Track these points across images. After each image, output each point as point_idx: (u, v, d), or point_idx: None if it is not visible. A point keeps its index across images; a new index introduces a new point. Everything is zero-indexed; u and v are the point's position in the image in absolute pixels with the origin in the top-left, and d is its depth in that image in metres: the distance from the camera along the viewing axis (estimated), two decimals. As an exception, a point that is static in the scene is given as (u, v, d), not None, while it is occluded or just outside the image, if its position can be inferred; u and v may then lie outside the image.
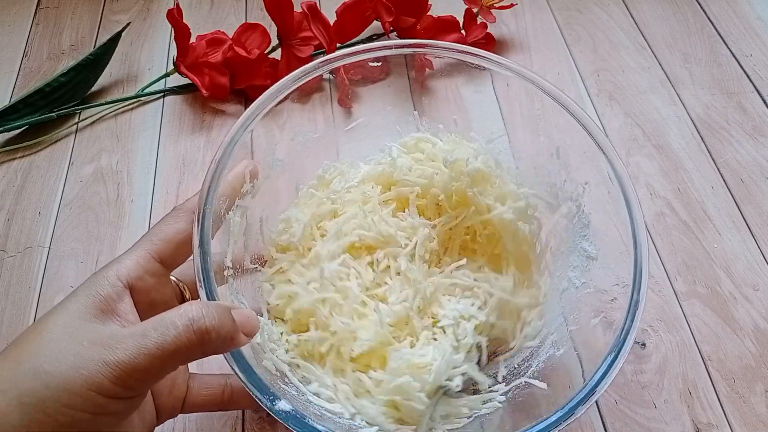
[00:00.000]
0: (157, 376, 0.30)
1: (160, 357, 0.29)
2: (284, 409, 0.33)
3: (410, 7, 0.66)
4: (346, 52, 0.46)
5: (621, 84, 0.66)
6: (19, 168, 0.60)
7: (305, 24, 0.64)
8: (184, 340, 0.29)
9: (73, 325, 0.30)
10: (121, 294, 0.33)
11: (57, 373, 0.28)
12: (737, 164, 0.59)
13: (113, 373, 0.28)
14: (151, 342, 0.29)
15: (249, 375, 0.34)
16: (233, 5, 0.75)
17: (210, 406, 0.39)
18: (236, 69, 0.64)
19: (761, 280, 0.51)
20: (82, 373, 0.28)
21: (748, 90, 0.65)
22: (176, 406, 0.38)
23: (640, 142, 0.61)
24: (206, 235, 0.36)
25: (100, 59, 0.65)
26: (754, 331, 0.49)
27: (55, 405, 0.28)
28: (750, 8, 0.72)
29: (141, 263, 0.35)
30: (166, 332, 0.29)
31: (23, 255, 0.54)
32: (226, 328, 0.31)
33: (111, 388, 0.28)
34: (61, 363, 0.28)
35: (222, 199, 0.39)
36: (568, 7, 0.74)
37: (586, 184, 0.44)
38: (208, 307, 0.31)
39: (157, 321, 0.30)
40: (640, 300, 0.37)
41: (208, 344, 0.30)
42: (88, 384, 0.28)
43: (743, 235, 0.54)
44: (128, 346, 0.29)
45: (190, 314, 0.30)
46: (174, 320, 0.30)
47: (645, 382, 0.46)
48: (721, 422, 0.45)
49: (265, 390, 0.33)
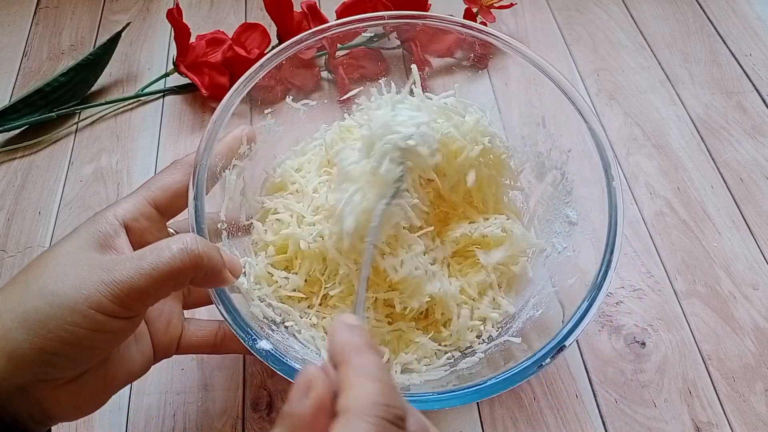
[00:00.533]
0: (152, 296, 0.32)
1: (155, 277, 0.31)
2: (264, 348, 0.36)
3: (410, 7, 0.66)
4: (342, 21, 0.48)
5: (621, 84, 0.66)
6: (19, 168, 0.60)
7: (305, 24, 0.64)
8: (178, 261, 0.31)
9: (75, 254, 0.33)
10: (117, 231, 0.35)
11: (60, 292, 0.30)
12: (737, 164, 0.59)
13: (111, 292, 0.30)
14: (146, 263, 0.31)
15: (234, 316, 0.36)
16: (233, 5, 0.75)
17: (203, 348, 0.41)
18: (236, 69, 0.64)
19: (761, 280, 0.51)
20: (83, 292, 0.30)
21: (748, 89, 0.65)
22: (171, 345, 0.40)
23: (640, 141, 0.61)
24: (201, 188, 0.39)
25: (99, 59, 0.65)
26: (753, 330, 0.49)
27: (58, 322, 0.30)
28: (749, 8, 0.72)
29: (137, 206, 0.37)
30: (161, 254, 0.31)
31: (23, 255, 0.54)
32: (215, 258, 0.33)
33: (109, 306, 0.30)
34: (65, 284, 0.30)
35: (219, 157, 0.42)
36: (568, 7, 0.74)
37: (569, 152, 0.45)
38: (200, 238, 0.33)
39: (154, 246, 0.32)
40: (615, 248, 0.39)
41: (199, 269, 0.32)
42: (89, 302, 0.30)
43: (743, 234, 0.54)
44: (126, 268, 0.31)
45: (185, 239, 0.32)
46: (169, 244, 0.32)
47: (645, 382, 0.46)
48: (721, 421, 0.45)
49: (246, 330, 0.36)
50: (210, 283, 0.35)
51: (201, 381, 0.47)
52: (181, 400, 0.46)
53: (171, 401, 0.46)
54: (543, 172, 0.48)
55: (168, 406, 0.46)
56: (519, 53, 0.47)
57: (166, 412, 0.45)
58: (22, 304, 0.30)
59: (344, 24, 0.48)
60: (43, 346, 0.30)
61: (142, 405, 0.46)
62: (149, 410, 0.46)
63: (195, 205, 0.38)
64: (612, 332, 0.49)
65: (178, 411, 0.45)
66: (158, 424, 0.45)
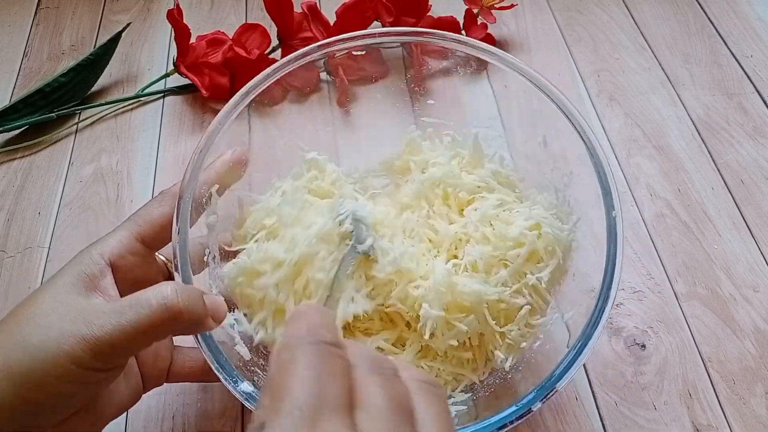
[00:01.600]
0: (131, 351, 0.33)
1: (133, 334, 0.31)
2: (246, 390, 0.35)
3: (410, 8, 0.66)
4: (342, 37, 0.47)
5: (621, 84, 0.66)
6: (19, 168, 0.60)
7: (305, 24, 0.64)
8: (158, 318, 0.32)
9: (59, 300, 0.33)
10: (103, 271, 0.35)
11: (43, 346, 0.31)
12: (738, 165, 0.59)
13: (91, 349, 0.31)
14: (125, 319, 0.31)
15: (216, 357, 0.36)
16: (233, 5, 0.75)
17: (193, 377, 0.41)
18: (236, 69, 0.64)
19: (761, 282, 0.51)
20: (64, 347, 0.31)
21: (749, 91, 0.65)
22: (161, 375, 0.40)
23: (641, 143, 0.61)
24: (184, 222, 0.38)
25: (100, 59, 0.65)
26: (754, 332, 0.49)
27: (41, 375, 0.30)
28: (750, 9, 0.72)
29: (124, 243, 0.37)
30: (140, 311, 0.32)
31: (23, 255, 0.54)
32: (197, 310, 0.33)
33: (89, 362, 0.31)
34: (48, 337, 0.31)
35: (205, 186, 0.41)
36: (569, 8, 0.74)
37: (570, 173, 0.44)
38: (182, 288, 0.33)
39: (133, 299, 0.32)
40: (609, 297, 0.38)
41: (179, 324, 0.33)
42: (69, 358, 0.31)
43: (743, 236, 0.54)
44: (105, 323, 0.31)
45: (164, 294, 0.32)
46: (149, 299, 0.32)
47: (645, 384, 0.46)
48: (720, 424, 0.45)
49: (229, 372, 0.36)
50: (192, 332, 0.35)
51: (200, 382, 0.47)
52: (180, 401, 0.46)
53: (170, 402, 0.46)
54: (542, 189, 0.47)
55: (167, 407, 0.46)
56: (519, 72, 0.46)
57: (165, 413, 0.45)
58: (6, 356, 0.31)
59: (347, 39, 0.47)
60: (28, 397, 0.31)
61: (141, 406, 0.45)
62: (148, 411, 0.45)
63: (179, 246, 0.37)
64: (612, 334, 0.49)
65: (177, 412, 0.45)
66: (157, 425, 0.45)
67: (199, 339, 0.36)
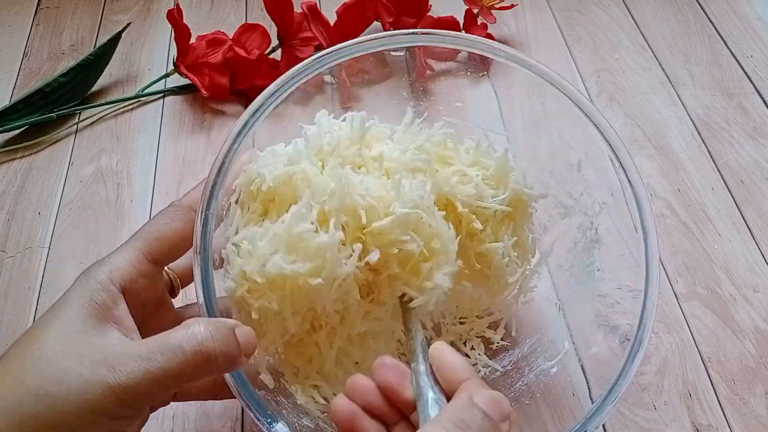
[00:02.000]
0: (161, 397, 0.30)
1: (164, 381, 0.29)
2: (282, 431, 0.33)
3: (410, 8, 0.66)
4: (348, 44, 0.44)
5: (621, 85, 0.66)
6: (19, 168, 0.60)
7: (305, 24, 0.64)
8: (191, 365, 0.29)
9: (72, 338, 0.30)
10: (116, 299, 0.32)
11: (62, 396, 0.28)
12: (738, 165, 0.59)
13: (119, 397, 0.28)
14: (156, 366, 0.29)
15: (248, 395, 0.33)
16: (233, 5, 0.75)
17: (201, 396, 0.39)
18: (236, 69, 0.64)
19: (761, 282, 0.51)
20: (87, 398, 0.28)
21: (749, 91, 0.65)
22: (170, 395, 0.38)
23: (641, 143, 0.61)
24: (208, 244, 0.35)
25: (100, 59, 0.65)
26: (754, 332, 0.49)
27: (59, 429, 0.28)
28: (750, 9, 0.72)
29: (135, 265, 0.33)
30: (173, 357, 0.29)
31: (23, 255, 0.54)
32: (231, 351, 0.31)
33: (116, 411, 0.28)
34: (66, 386, 0.28)
35: (225, 198, 0.37)
36: (569, 8, 0.74)
37: (604, 204, 0.42)
38: (214, 328, 0.30)
39: (163, 343, 0.29)
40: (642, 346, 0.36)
41: (215, 368, 0.30)
42: (94, 408, 0.28)
43: (743, 236, 0.54)
44: (133, 370, 0.28)
45: (199, 338, 0.30)
46: (181, 344, 0.29)
47: (645, 384, 0.46)
48: (720, 424, 0.45)
49: (263, 412, 0.33)
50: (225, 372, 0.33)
51: (200, 382, 0.47)
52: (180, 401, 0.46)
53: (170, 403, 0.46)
54: (568, 212, 0.45)
55: (167, 407, 0.46)
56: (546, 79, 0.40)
57: (165, 413, 0.45)
58: (17, 407, 0.28)
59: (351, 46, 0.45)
60: None
61: (141, 406, 0.46)
62: (148, 411, 0.45)
63: (202, 265, 0.34)
64: (611, 334, 0.49)
65: (177, 412, 0.45)
66: (157, 425, 0.45)
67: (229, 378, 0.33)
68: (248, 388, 0.33)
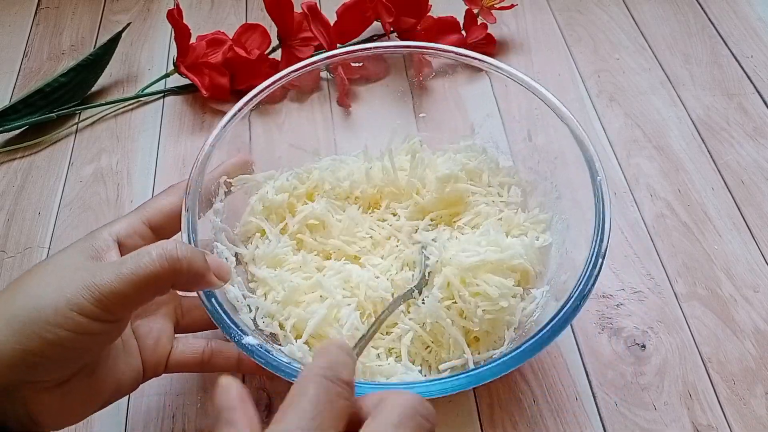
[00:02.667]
0: (133, 301, 0.33)
1: (135, 281, 0.32)
2: (251, 343, 0.37)
3: (411, 8, 0.66)
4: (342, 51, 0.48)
5: (621, 85, 0.66)
6: (19, 168, 0.60)
7: (305, 24, 0.64)
8: (157, 266, 0.32)
9: (65, 263, 0.34)
10: (110, 246, 0.36)
11: (44, 294, 0.31)
12: (738, 165, 0.59)
13: (92, 296, 0.31)
14: (126, 268, 0.32)
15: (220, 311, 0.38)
16: (233, 5, 0.75)
17: (192, 366, 0.41)
18: (236, 69, 0.64)
19: (761, 282, 0.51)
20: (65, 294, 0.31)
21: (749, 91, 0.65)
22: (160, 363, 0.40)
23: (641, 143, 0.61)
24: (193, 201, 0.41)
25: (100, 59, 0.65)
26: (754, 332, 0.49)
27: (41, 324, 0.31)
28: (751, 9, 0.72)
29: (132, 225, 0.38)
30: (140, 259, 0.32)
31: (23, 255, 0.54)
32: (197, 262, 0.34)
33: (90, 309, 0.31)
34: (49, 286, 0.32)
35: (214, 183, 0.44)
36: (569, 8, 0.74)
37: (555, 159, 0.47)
38: (182, 243, 0.34)
39: (135, 252, 0.33)
40: None
41: (179, 274, 0.33)
42: (71, 305, 0.31)
43: (744, 236, 0.54)
44: (107, 272, 0.32)
45: (164, 245, 0.33)
46: (149, 249, 0.33)
47: (645, 384, 0.46)
48: (721, 424, 0.45)
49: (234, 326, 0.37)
50: (194, 287, 0.36)
51: (200, 382, 0.47)
52: (180, 401, 0.46)
53: (170, 403, 0.46)
54: (534, 186, 0.50)
55: (167, 407, 0.46)
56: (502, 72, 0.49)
57: (165, 414, 0.45)
58: (8, 308, 0.31)
59: (349, 52, 0.50)
60: (27, 347, 0.30)
61: (141, 406, 0.46)
62: (148, 412, 0.45)
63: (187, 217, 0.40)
64: (612, 335, 0.49)
65: (177, 412, 0.45)
66: (157, 425, 0.45)
67: (203, 295, 0.38)
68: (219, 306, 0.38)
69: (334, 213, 0.48)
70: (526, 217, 0.48)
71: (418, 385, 0.36)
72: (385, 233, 0.48)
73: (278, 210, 0.48)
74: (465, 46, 0.67)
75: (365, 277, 0.44)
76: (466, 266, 0.43)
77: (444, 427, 0.45)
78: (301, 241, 0.47)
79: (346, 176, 0.49)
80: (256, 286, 0.45)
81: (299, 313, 0.42)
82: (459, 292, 0.43)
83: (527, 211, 0.49)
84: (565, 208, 0.46)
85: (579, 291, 0.39)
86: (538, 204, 0.49)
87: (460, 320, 0.43)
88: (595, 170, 0.43)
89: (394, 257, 0.46)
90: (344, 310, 0.42)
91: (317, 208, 0.47)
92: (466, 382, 0.36)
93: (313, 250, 0.47)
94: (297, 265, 0.45)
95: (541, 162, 0.49)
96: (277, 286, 0.44)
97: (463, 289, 0.43)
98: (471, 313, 0.42)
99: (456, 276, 0.43)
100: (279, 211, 0.48)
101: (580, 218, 0.44)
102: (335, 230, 0.47)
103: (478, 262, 0.43)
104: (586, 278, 0.39)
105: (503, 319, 0.43)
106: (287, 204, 0.48)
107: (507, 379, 0.46)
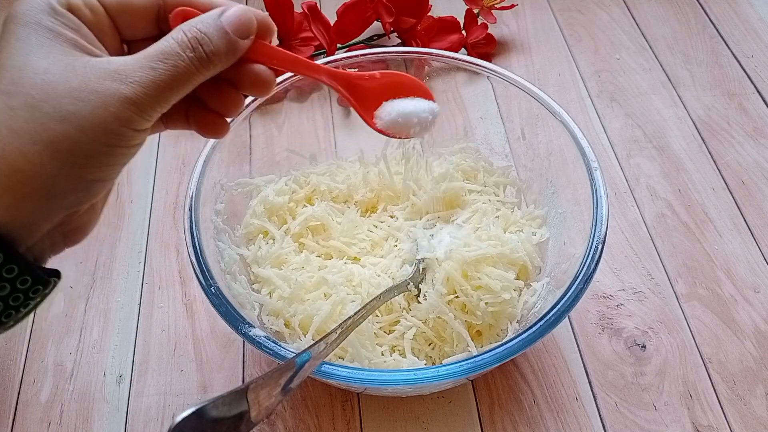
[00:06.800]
0: (171, 103, 0.30)
1: (172, 86, 0.30)
2: (258, 335, 0.37)
3: (411, 8, 0.65)
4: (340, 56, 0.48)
5: (622, 85, 0.66)
6: (19, 168, 0.60)
7: (305, 24, 0.64)
8: (193, 69, 0.30)
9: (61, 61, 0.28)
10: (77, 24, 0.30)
11: (86, 113, 0.27)
12: (738, 166, 0.59)
13: (137, 107, 0.28)
14: (162, 74, 0.29)
15: (225, 305, 0.39)
16: (234, 5, 0.75)
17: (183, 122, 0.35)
18: (236, 69, 0.64)
19: (762, 282, 0.51)
20: (111, 110, 0.28)
21: (750, 91, 0.65)
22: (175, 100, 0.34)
23: (641, 143, 0.61)
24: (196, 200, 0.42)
25: (100, 59, 0.65)
26: (754, 333, 0.49)
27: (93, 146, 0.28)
28: (751, 9, 0.72)
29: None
30: (175, 64, 0.29)
31: (23, 255, 0.54)
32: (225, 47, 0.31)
33: (138, 121, 0.29)
34: (86, 103, 0.27)
35: (213, 181, 0.45)
36: (569, 8, 0.73)
37: (550, 155, 0.48)
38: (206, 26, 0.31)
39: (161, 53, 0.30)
40: None
41: (215, 66, 0.31)
42: (120, 120, 0.28)
43: (744, 236, 0.54)
44: (143, 80, 0.29)
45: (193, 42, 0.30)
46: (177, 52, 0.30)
47: (645, 385, 0.46)
48: (721, 424, 0.44)
49: (242, 319, 0.38)
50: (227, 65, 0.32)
51: (200, 382, 0.47)
52: (180, 401, 0.46)
53: (170, 403, 0.46)
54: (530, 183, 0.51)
55: (167, 407, 0.46)
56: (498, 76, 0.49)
57: (165, 414, 0.45)
58: (44, 132, 0.27)
59: (349, 58, 0.50)
60: (80, 175, 0.28)
61: (141, 406, 0.46)
62: (148, 412, 0.45)
63: (190, 216, 0.41)
64: (612, 335, 0.49)
65: (177, 412, 0.45)
66: (157, 425, 0.45)
67: (208, 292, 0.39)
68: (227, 300, 0.39)
69: (333, 216, 0.48)
70: (522, 214, 0.49)
71: (422, 372, 0.36)
72: (383, 234, 0.48)
73: (279, 212, 0.49)
74: (465, 46, 0.67)
75: (367, 275, 0.45)
76: (468, 260, 0.43)
77: (444, 427, 0.45)
78: (303, 244, 0.48)
79: (344, 180, 0.50)
80: (259, 286, 0.46)
81: (305, 310, 0.43)
82: (461, 287, 0.43)
83: (523, 208, 0.50)
84: (562, 203, 0.47)
85: (582, 275, 0.39)
86: (534, 200, 0.50)
87: (462, 314, 0.43)
88: (588, 159, 0.44)
89: (394, 256, 0.47)
90: (348, 307, 0.43)
91: (317, 210, 0.48)
92: (480, 364, 0.36)
93: (315, 251, 0.48)
94: (300, 265, 0.46)
95: (536, 159, 0.50)
96: (283, 284, 0.44)
97: (465, 283, 0.43)
98: (474, 307, 0.43)
99: (457, 270, 0.43)
100: (280, 214, 0.49)
101: (577, 210, 0.44)
102: (335, 232, 0.48)
103: (479, 256, 0.43)
104: (588, 262, 0.39)
105: (506, 312, 0.43)
106: (287, 207, 0.49)
107: (507, 379, 0.46)
